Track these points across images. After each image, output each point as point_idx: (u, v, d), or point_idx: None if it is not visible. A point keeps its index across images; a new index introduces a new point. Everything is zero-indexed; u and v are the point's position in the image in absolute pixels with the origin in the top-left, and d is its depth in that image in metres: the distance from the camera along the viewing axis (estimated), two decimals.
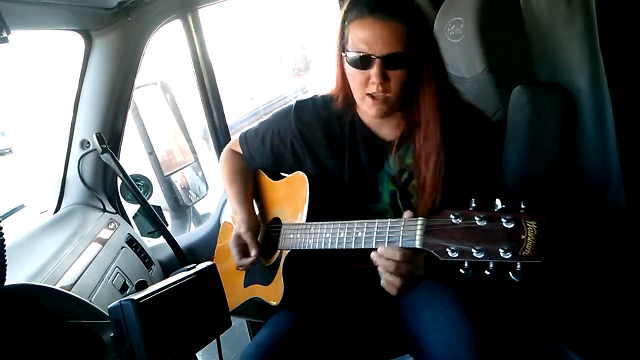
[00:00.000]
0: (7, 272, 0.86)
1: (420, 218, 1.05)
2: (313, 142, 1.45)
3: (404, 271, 1.11)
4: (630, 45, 1.50)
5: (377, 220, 1.15)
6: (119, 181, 2.07)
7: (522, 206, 0.91)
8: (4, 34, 1.16)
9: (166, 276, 1.40)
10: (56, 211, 1.95)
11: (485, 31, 1.62)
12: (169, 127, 3.41)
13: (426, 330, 1.30)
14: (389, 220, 1.13)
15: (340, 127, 1.42)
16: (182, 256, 2.00)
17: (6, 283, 0.87)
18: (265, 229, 1.54)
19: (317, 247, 1.29)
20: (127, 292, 1.62)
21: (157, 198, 2.86)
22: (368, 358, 1.54)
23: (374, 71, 1.22)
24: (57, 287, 1.33)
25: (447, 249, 0.97)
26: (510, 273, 0.91)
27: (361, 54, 1.22)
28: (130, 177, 1.90)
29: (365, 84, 1.25)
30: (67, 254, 1.54)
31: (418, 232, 1.05)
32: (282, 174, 1.58)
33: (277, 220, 1.50)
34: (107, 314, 0.89)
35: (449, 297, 1.31)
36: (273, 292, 1.42)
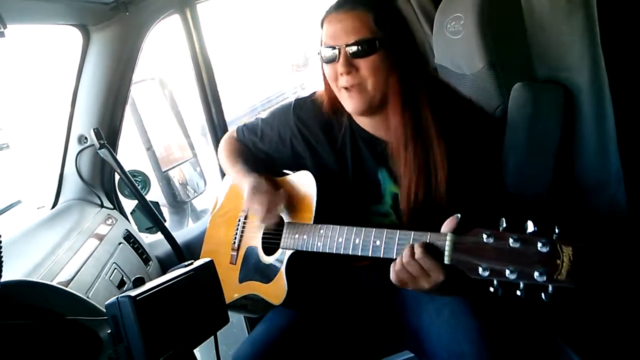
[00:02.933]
0: (3, 267, 0.86)
1: (448, 233, 1.04)
2: (313, 141, 1.44)
3: (416, 272, 1.08)
4: (631, 42, 1.49)
5: (398, 231, 1.13)
6: (117, 177, 2.06)
7: (556, 230, 0.92)
8: (1, 29, 1.15)
9: (164, 272, 1.39)
10: (53, 207, 1.95)
11: (485, 27, 1.61)
12: (167, 123, 3.40)
13: (428, 325, 1.29)
14: (412, 232, 1.11)
15: (339, 126, 1.41)
16: (179, 252, 2.00)
17: (3, 279, 0.87)
18: (264, 226, 1.52)
19: (327, 251, 1.27)
20: (125, 289, 1.61)
21: (155, 194, 2.85)
22: (366, 355, 1.54)
23: (340, 61, 1.22)
24: (54, 283, 1.32)
25: (479, 267, 0.98)
26: (542, 294, 0.92)
27: (327, 47, 1.24)
28: (128, 173, 1.90)
29: (336, 77, 1.26)
30: (64, 249, 1.53)
31: (447, 248, 1.04)
32: (285, 171, 1.57)
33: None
34: (104, 311, 0.88)
35: (450, 304, 1.29)
36: (274, 291, 1.40)
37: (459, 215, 1.07)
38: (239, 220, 1.60)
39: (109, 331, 0.88)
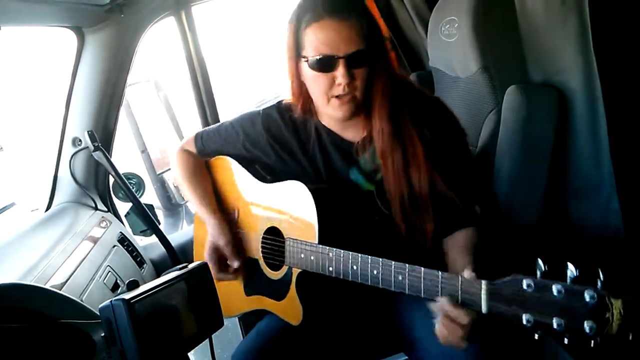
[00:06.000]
0: None
1: (482, 281, 0.99)
2: (283, 150, 1.44)
3: (456, 331, 1.05)
4: (623, 46, 1.50)
5: (422, 269, 1.08)
6: (111, 179, 2.05)
7: (601, 276, 0.87)
8: None
9: (158, 275, 1.39)
10: (47, 209, 1.94)
11: (479, 31, 1.62)
12: (161, 125, 3.39)
13: (421, 327, 1.28)
14: (439, 272, 1.06)
15: (307, 133, 1.42)
16: (174, 255, 1.99)
17: None
18: (261, 238, 1.47)
19: (340, 277, 1.22)
20: (119, 292, 1.61)
21: (150, 196, 2.85)
22: (362, 356, 1.53)
23: (340, 72, 1.20)
24: (47, 286, 1.31)
25: (522, 317, 0.93)
26: (591, 342, 0.88)
27: (324, 56, 1.21)
28: (122, 175, 1.89)
29: (330, 86, 1.24)
30: (58, 252, 1.52)
31: (483, 297, 0.99)
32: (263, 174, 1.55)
33: (274, 230, 1.43)
34: (98, 314, 0.88)
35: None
36: (289, 311, 1.36)
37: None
38: None
39: (103, 334, 0.88)
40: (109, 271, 1.65)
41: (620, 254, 1.56)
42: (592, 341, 0.88)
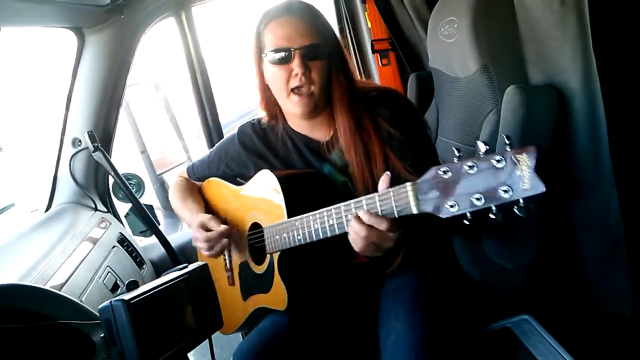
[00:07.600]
0: None
1: (408, 183, 1.04)
2: (261, 160, 1.51)
3: (376, 239, 1.12)
4: (622, 46, 1.51)
5: (363, 198, 1.14)
6: (111, 180, 2.05)
7: (507, 142, 0.90)
8: None
9: (158, 276, 1.39)
10: (47, 210, 1.94)
11: (479, 31, 1.62)
12: (161, 126, 3.40)
13: (381, 341, 1.31)
14: (375, 194, 1.12)
15: (277, 138, 1.49)
16: (174, 256, 1.99)
17: None
18: (246, 238, 1.52)
19: (308, 241, 1.28)
20: (118, 292, 1.62)
21: (150, 197, 2.85)
22: (361, 357, 1.53)
23: (295, 62, 1.30)
24: (47, 286, 1.32)
25: (446, 205, 0.96)
26: (515, 210, 0.91)
27: (281, 49, 1.31)
28: (122, 176, 1.89)
29: (288, 79, 1.32)
30: (57, 253, 1.53)
31: (411, 198, 1.03)
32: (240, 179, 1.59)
33: (256, 226, 1.47)
34: (98, 314, 0.88)
35: (405, 312, 1.29)
36: (276, 298, 1.39)
37: (388, 172, 1.11)
38: None
39: (102, 335, 0.88)
40: (109, 272, 1.65)
41: (620, 254, 1.56)
42: (516, 207, 0.90)
